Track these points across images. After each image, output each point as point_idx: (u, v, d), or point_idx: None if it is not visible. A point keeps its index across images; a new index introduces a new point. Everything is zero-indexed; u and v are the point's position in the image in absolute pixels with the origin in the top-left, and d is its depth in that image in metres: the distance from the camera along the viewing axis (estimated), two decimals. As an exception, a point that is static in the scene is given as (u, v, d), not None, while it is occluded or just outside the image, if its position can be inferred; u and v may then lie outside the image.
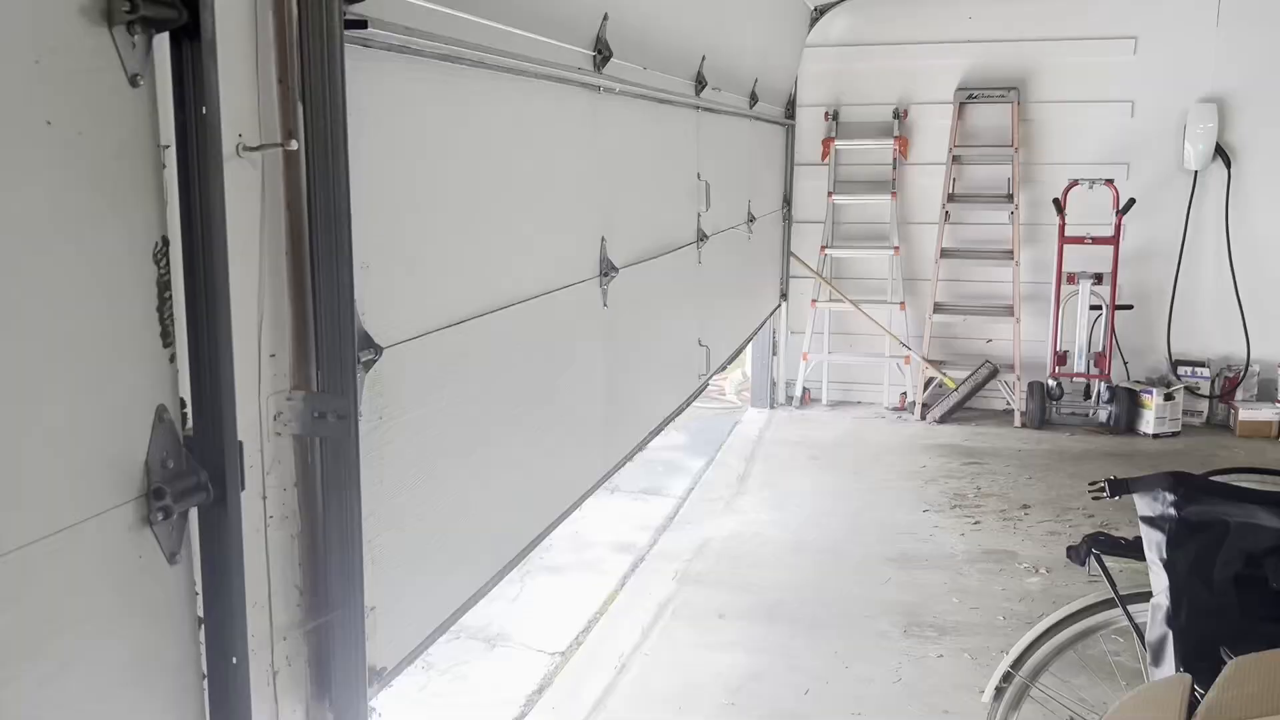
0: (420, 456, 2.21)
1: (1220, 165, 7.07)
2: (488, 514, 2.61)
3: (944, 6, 7.30)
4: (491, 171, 2.59)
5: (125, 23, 1.27)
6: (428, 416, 2.24)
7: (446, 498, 2.35)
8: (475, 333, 2.49)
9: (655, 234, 4.11)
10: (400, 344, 2.10)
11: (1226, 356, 7.28)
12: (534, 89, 2.82)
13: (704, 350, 4.89)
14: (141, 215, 1.34)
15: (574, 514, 5.78)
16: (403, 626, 2.14)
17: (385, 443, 2.05)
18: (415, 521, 2.19)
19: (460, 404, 2.41)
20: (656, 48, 3.95)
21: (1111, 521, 5.31)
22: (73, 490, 1.25)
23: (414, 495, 2.19)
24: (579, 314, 3.25)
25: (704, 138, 4.85)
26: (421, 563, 2.23)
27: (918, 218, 7.65)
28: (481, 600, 2.54)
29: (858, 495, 5.89)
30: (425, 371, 2.24)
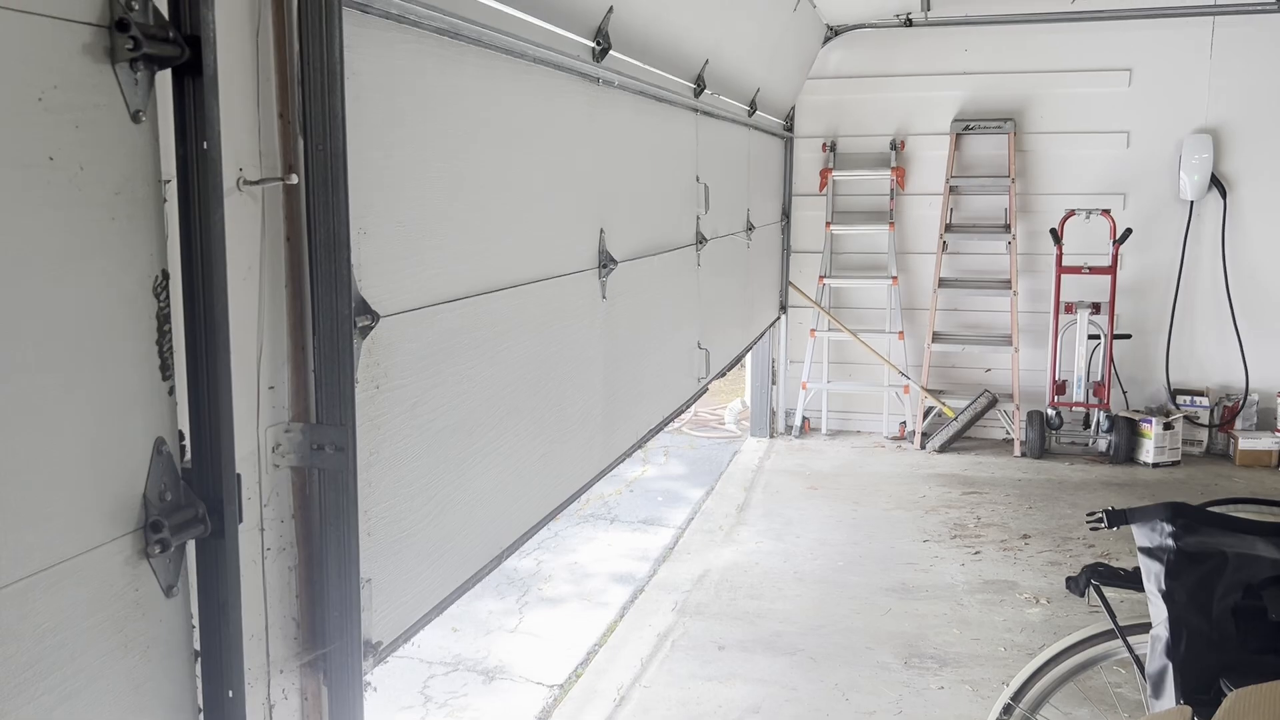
0: (416, 431, 2.19)
1: (1216, 195, 7.11)
2: (485, 497, 2.60)
3: (940, 39, 7.37)
4: (490, 151, 2.59)
5: (128, 60, 1.29)
6: (425, 393, 2.23)
7: (444, 475, 2.34)
8: (473, 312, 2.49)
9: (654, 231, 4.13)
10: (397, 315, 2.09)
11: (1225, 385, 7.29)
12: (534, 74, 2.84)
13: (703, 353, 4.90)
14: (142, 249, 1.35)
15: (574, 544, 5.78)
16: (398, 601, 2.12)
17: (380, 413, 2.03)
18: (411, 497, 2.17)
19: (458, 383, 2.40)
20: (658, 47, 3.98)
21: (1112, 552, 5.30)
22: (71, 523, 1.25)
23: (411, 469, 2.17)
24: (577, 304, 3.26)
25: (703, 141, 4.88)
26: (417, 537, 2.21)
27: (916, 248, 7.68)
28: (479, 584, 2.51)
29: (858, 525, 5.87)
30: (423, 347, 2.22)
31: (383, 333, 2.01)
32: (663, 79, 4.15)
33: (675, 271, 4.47)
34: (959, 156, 7.50)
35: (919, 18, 7.12)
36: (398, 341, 2.09)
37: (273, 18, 1.68)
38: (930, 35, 7.38)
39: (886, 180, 7.59)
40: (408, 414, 2.15)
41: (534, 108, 2.86)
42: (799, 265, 7.87)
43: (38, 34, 1.17)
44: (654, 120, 4.12)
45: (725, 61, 5.02)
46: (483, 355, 2.54)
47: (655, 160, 4.21)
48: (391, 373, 2.07)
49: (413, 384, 2.17)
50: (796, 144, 7.72)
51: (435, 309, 2.29)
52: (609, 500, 6.69)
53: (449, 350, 2.36)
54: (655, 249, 4.14)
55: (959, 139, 7.45)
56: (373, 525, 2.00)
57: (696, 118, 4.76)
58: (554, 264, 3.04)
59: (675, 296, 4.51)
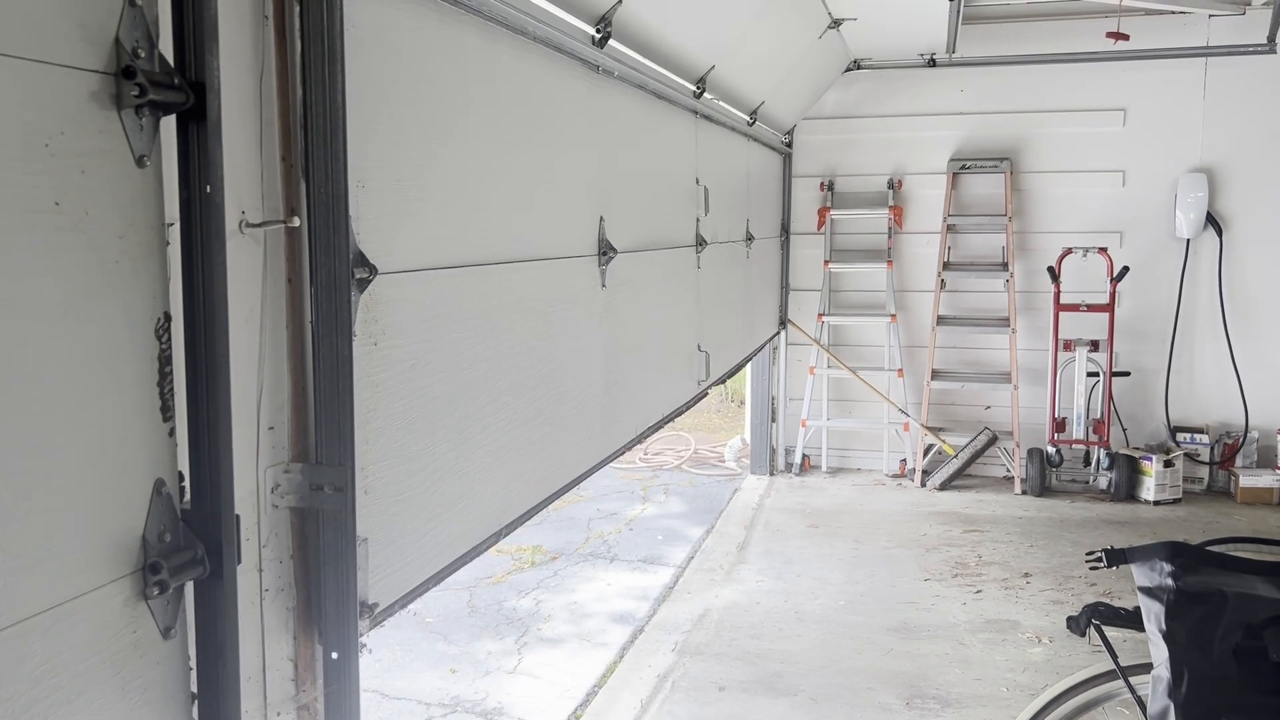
0: (415, 394, 2.19)
1: (1212, 234, 7.16)
2: (484, 471, 2.59)
3: (936, 80, 7.45)
4: (488, 125, 2.59)
5: (134, 106, 1.31)
6: (422, 356, 2.23)
7: (442, 443, 2.34)
8: (471, 283, 2.50)
9: (654, 227, 4.15)
10: (395, 274, 2.09)
11: (1225, 423, 7.29)
12: (534, 53, 2.86)
13: (703, 356, 4.91)
14: (145, 292, 1.37)
15: (573, 583, 5.75)
16: (395, 564, 2.10)
17: (378, 369, 2.03)
18: (408, 460, 2.17)
19: (455, 352, 2.40)
20: (661, 45, 4.01)
21: (1114, 591, 5.27)
22: (70, 566, 1.25)
23: (409, 432, 2.16)
24: (577, 290, 3.27)
25: (702, 144, 4.92)
26: (415, 501, 2.20)
27: (914, 286, 7.71)
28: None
29: (858, 564, 5.84)
30: (421, 310, 2.23)
31: (380, 289, 2.01)
32: (663, 76, 4.15)
33: (675, 270, 4.50)
34: (956, 195, 7.55)
35: (943, 58, 7.18)
36: (395, 300, 2.09)
37: (276, 64, 1.70)
38: (926, 76, 7.46)
39: (884, 219, 7.64)
40: (406, 375, 2.15)
41: (534, 88, 2.88)
42: (798, 303, 7.91)
43: (46, 82, 1.19)
44: (654, 117, 4.15)
45: (732, 71, 5.05)
46: (480, 327, 2.55)
47: (655, 157, 4.24)
48: (389, 331, 2.07)
49: (410, 345, 2.17)
50: (795, 182, 7.78)
51: (433, 273, 2.29)
52: (608, 539, 6.66)
53: (447, 317, 2.36)
54: (655, 245, 4.16)
55: (956, 178, 7.51)
56: (369, 483, 1.99)
57: (696, 121, 4.79)
58: (553, 245, 3.05)
59: (674, 296, 4.53)
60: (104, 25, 1.27)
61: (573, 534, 6.78)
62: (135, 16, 1.31)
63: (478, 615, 5.40)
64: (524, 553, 6.38)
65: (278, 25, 1.70)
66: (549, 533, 6.80)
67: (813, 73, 6.83)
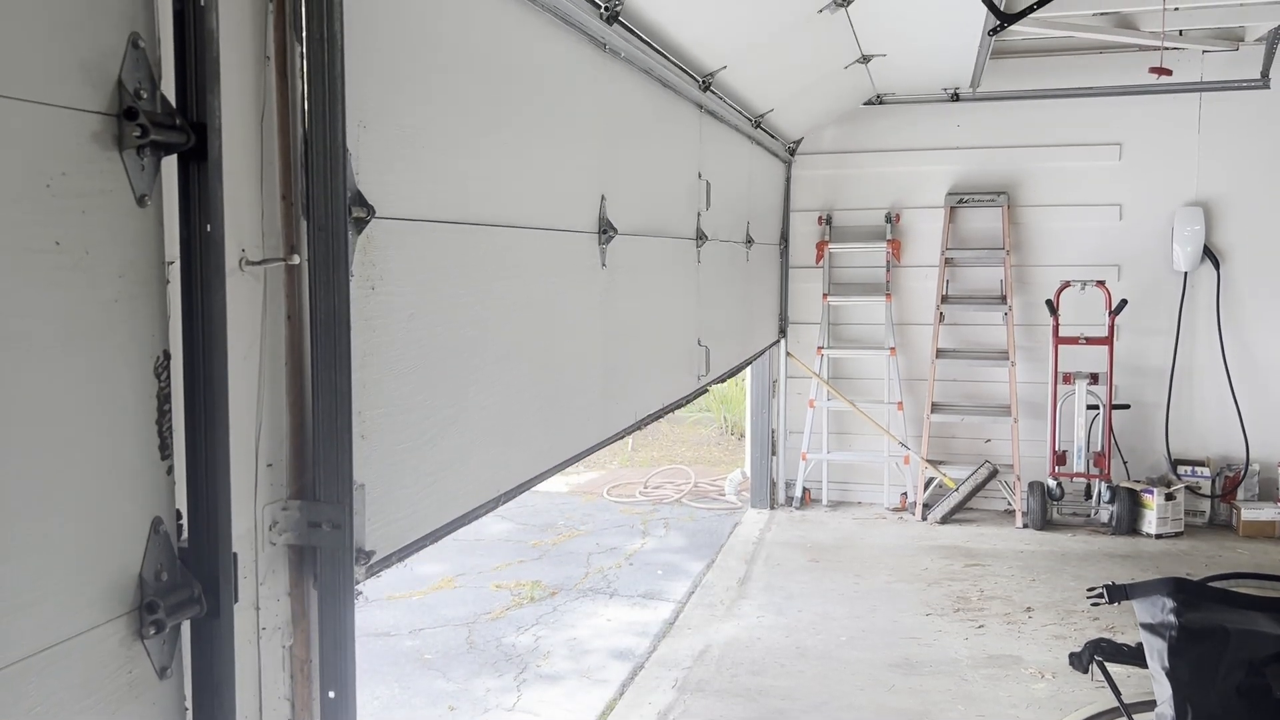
0: (413, 345, 2.18)
1: (1209, 267, 7.18)
2: (483, 435, 2.58)
3: (933, 115, 7.51)
4: (496, 85, 2.58)
5: (135, 147, 1.32)
6: (421, 308, 2.21)
7: (441, 399, 2.32)
8: (470, 241, 2.49)
9: (655, 214, 4.15)
10: (394, 220, 2.08)
11: (1226, 456, 7.28)
12: (541, 20, 2.86)
13: (703, 350, 4.90)
14: (144, 330, 1.37)
15: (572, 619, 5.71)
16: (391, 515, 2.08)
17: (375, 315, 2.01)
18: (406, 411, 2.15)
19: (454, 309, 2.39)
20: (672, 38, 4.02)
21: (1117, 625, 5.24)
22: (67, 605, 1.25)
23: (408, 383, 2.15)
24: (576, 265, 3.27)
25: (706, 139, 4.92)
26: (413, 455, 2.18)
27: (913, 319, 7.73)
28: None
29: (860, 598, 5.81)
30: (419, 260, 2.21)
31: (378, 234, 2.00)
32: (671, 65, 4.15)
33: (675, 261, 4.51)
34: (954, 229, 7.58)
35: (966, 93, 7.23)
36: (394, 247, 2.08)
37: (277, 103, 1.72)
38: (923, 111, 7.52)
39: (883, 253, 7.68)
40: (403, 325, 2.14)
41: (542, 59, 2.88)
42: (797, 336, 7.92)
43: (48, 124, 1.20)
44: (660, 105, 4.16)
45: (744, 76, 5.05)
46: (479, 290, 2.54)
47: (659, 145, 4.25)
48: (387, 277, 2.05)
49: (408, 295, 2.15)
50: (793, 216, 7.82)
51: (433, 226, 2.29)
52: (608, 573, 6.63)
53: (446, 274, 2.35)
54: (655, 231, 4.17)
55: (954, 212, 7.55)
56: (366, 429, 1.97)
57: (701, 116, 4.80)
58: (553, 216, 3.05)
59: (674, 286, 4.54)
60: (107, 67, 1.29)
61: (572, 569, 6.74)
62: (138, 58, 1.33)
63: (476, 651, 5.36)
64: (523, 588, 6.34)
65: (279, 65, 1.72)
66: (548, 568, 6.77)
67: (829, 97, 6.83)
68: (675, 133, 4.48)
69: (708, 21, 4.23)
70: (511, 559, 7.01)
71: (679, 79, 4.28)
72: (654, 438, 11.78)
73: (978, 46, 5.67)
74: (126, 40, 1.32)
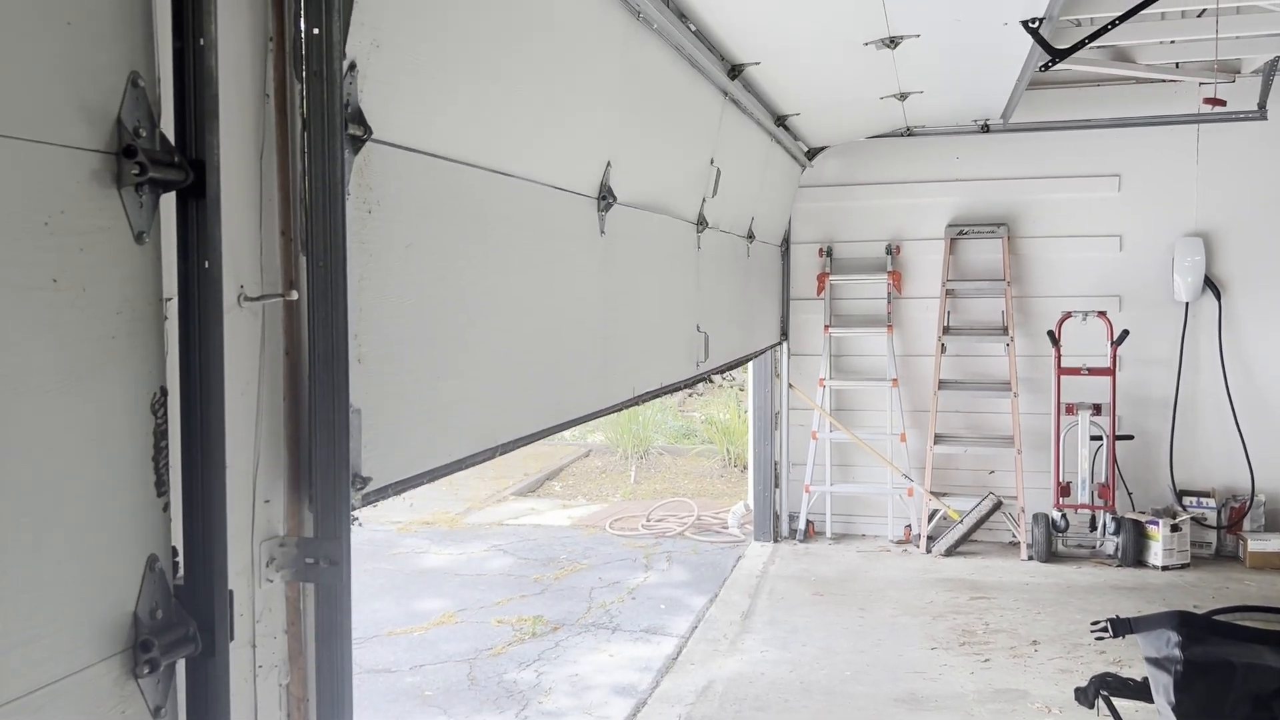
0: (409, 279, 2.16)
1: (1210, 297, 7.18)
2: (482, 383, 2.58)
3: (932, 147, 7.55)
4: (514, 25, 2.56)
5: (134, 184, 1.32)
6: (418, 240, 2.20)
7: (440, 338, 2.32)
8: (473, 184, 2.47)
9: (659, 190, 4.14)
10: (395, 147, 2.06)
11: (1231, 487, 7.24)
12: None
13: (702, 336, 4.89)
14: (141, 367, 1.37)
15: (574, 654, 5.67)
16: (388, 447, 2.05)
17: (372, 239, 2.00)
18: (405, 342, 2.15)
19: (454, 250, 2.39)
20: (709, 23, 3.99)
21: (1124, 659, 5.19)
22: (60, 645, 1.24)
23: (402, 315, 2.14)
24: (576, 230, 3.26)
25: (726, 128, 4.90)
26: (411, 391, 2.17)
27: (915, 350, 7.73)
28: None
29: (864, 632, 5.76)
30: (418, 192, 2.20)
31: (376, 159, 1.99)
32: (701, 48, 4.10)
33: (674, 242, 4.50)
34: (954, 261, 7.60)
35: (997, 124, 7.25)
36: (392, 174, 2.07)
37: (277, 140, 1.73)
38: (922, 144, 7.55)
39: (883, 284, 7.69)
40: (400, 255, 2.13)
41: (563, 12, 2.85)
42: (799, 368, 7.92)
43: (47, 162, 1.21)
44: (683, 84, 4.13)
45: (776, 76, 5.03)
46: (478, 233, 2.54)
47: (675, 123, 4.23)
48: (384, 203, 2.04)
49: (406, 225, 2.15)
50: (794, 249, 7.84)
51: (433, 160, 2.28)
52: (610, 608, 6.59)
53: (445, 210, 2.35)
54: (658, 208, 4.16)
55: (954, 244, 7.57)
56: (363, 352, 1.95)
57: (724, 103, 4.77)
58: (557, 173, 3.04)
59: (673, 267, 4.53)
60: (106, 105, 1.30)
61: (574, 603, 6.70)
62: (138, 97, 1.34)
63: (478, 688, 5.32)
64: (525, 623, 6.30)
65: (279, 103, 1.73)
66: (550, 602, 6.73)
67: (859, 119, 6.79)
68: (694, 114, 4.45)
69: (750, 16, 4.13)
70: (513, 594, 6.96)
71: (708, 62, 4.23)
72: (656, 470, 11.75)
73: (1015, 81, 5.67)
74: (126, 79, 1.33)
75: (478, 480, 11.25)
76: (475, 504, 10.03)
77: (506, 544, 8.39)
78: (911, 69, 5.26)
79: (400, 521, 9.22)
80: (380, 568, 7.67)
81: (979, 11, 4.32)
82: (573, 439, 14.16)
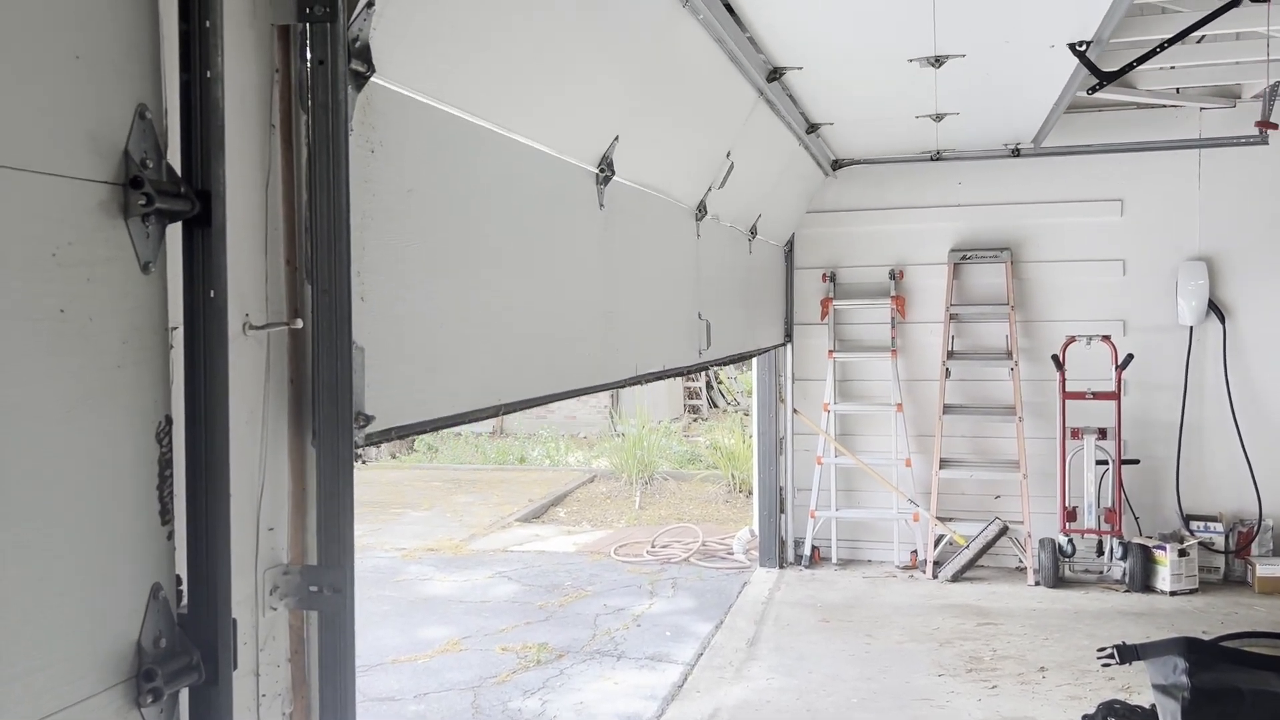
0: (410, 222, 2.16)
1: (1215, 321, 7.18)
2: (485, 340, 2.58)
3: (935, 173, 7.57)
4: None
5: (141, 215, 1.34)
6: (419, 185, 2.20)
7: (441, 287, 2.32)
8: (475, 138, 2.46)
9: (661, 171, 4.14)
10: (394, 87, 2.06)
11: (1238, 511, 7.20)
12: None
13: (704, 324, 4.88)
14: (146, 396, 1.38)
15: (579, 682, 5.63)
16: (389, 389, 2.04)
17: (373, 179, 2.00)
18: (406, 287, 2.15)
19: (456, 202, 2.39)
20: (754, 22, 3.95)
21: (1134, 685, 5.15)
22: (63, 674, 1.24)
23: (405, 259, 2.15)
24: (575, 200, 3.26)
25: (754, 124, 4.88)
26: (411, 337, 2.18)
27: (920, 375, 7.72)
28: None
29: (871, 659, 5.73)
30: (419, 138, 2.21)
31: (379, 100, 1.99)
32: (744, 45, 4.05)
33: (675, 226, 4.50)
34: (958, 285, 7.61)
35: (1027, 148, 7.24)
36: (395, 117, 2.07)
37: (282, 170, 1.75)
38: (925, 169, 7.58)
39: (887, 309, 7.69)
40: (402, 199, 2.13)
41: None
42: (804, 392, 7.91)
43: (55, 194, 1.22)
44: (718, 76, 4.10)
45: (813, 85, 5.00)
46: (478, 190, 2.55)
47: (698, 110, 4.20)
48: (386, 144, 2.05)
49: (408, 169, 2.15)
50: (797, 274, 7.86)
51: (435, 108, 2.28)
52: (615, 635, 6.55)
53: (444, 161, 2.35)
54: (658, 188, 4.16)
55: (957, 268, 7.58)
56: (365, 290, 1.96)
57: (757, 101, 4.73)
58: (558, 138, 3.03)
59: (674, 253, 4.53)
60: (114, 138, 1.31)
61: (579, 631, 6.67)
62: (145, 129, 1.35)
63: (482, 717, 5.29)
64: (529, 650, 6.27)
65: (284, 133, 1.75)
66: (555, 630, 6.70)
67: (892, 137, 6.77)
68: (721, 107, 4.43)
69: (799, 21, 4.09)
70: (518, 621, 6.93)
71: (748, 60, 4.18)
72: (661, 495, 11.72)
73: (1053, 104, 5.66)
74: (134, 111, 1.34)
75: (482, 506, 11.23)
76: (479, 530, 10.01)
77: (511, 570, 8.37)
78: (951, 90, 5.26)
79: (404, 548, 9.20)
80: (384, 595, 7.65)
81: (1028, 33, 4.31)
82: (577, 464, 14.15)
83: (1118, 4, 3.82)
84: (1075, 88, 5.14)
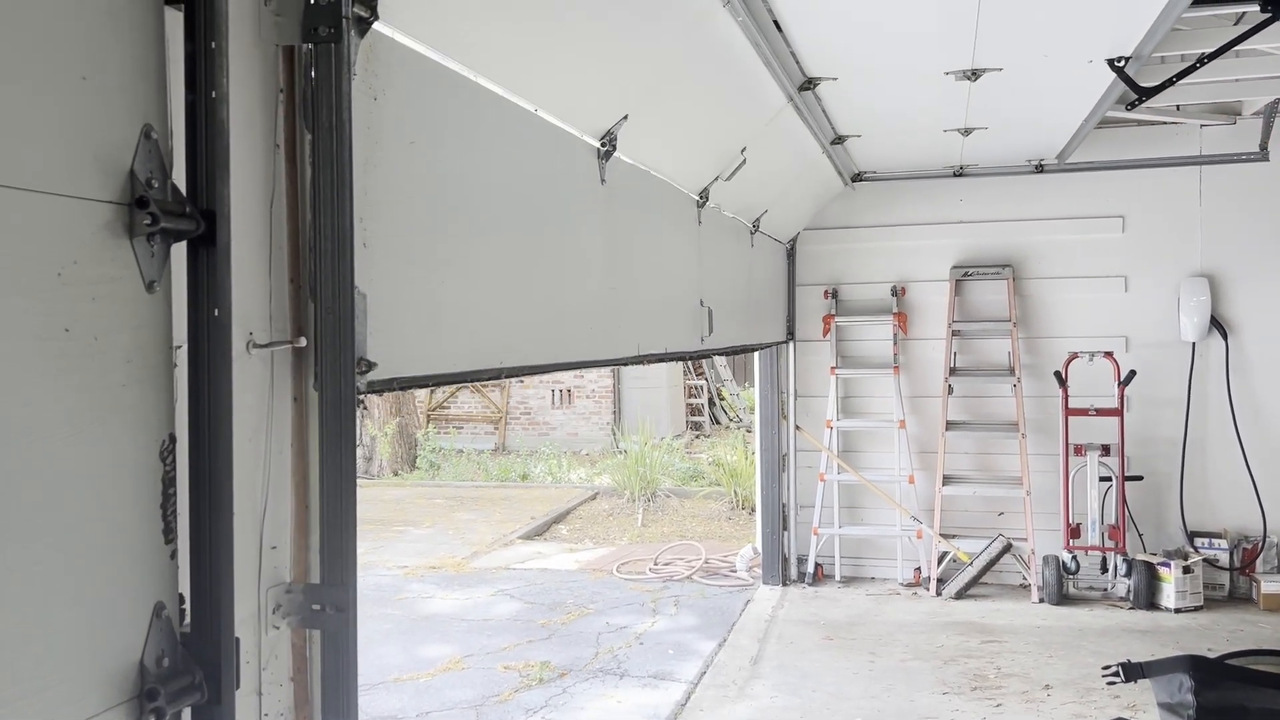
0: (413, 174, 2.15)
1: (1217, 337, 7.17)
2: (486, 301, 2.59)
3: (936, 190, 7.59)
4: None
5: (146, 235, 1.34)
6: (420, 136, 2.19)
7: (444, 241, 2.32)
8: (477, 100, 2.46)
9: (666, 155, 4.14)
10: (395, 38, 2.05)
11: (1242, 527, 7.18)
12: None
13: (705, 311, 4.87)
14: (150, 414, 1.38)
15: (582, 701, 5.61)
16: (388, 338, 2.04)
17: (376, 125, 1.99)
18: (408, 237, 2.15)
19: (459, 158, 2.38)
20: (794, 32, 3.94)
21: (1139, 703, 5.12)
22: (66, 695, 1.23)
23: (409, 211, 2.14)
24: (576, 172, 3.26)
25: (778, 128, 4.86)
26: (410, 290, 2.17)
27: (922, 391, 7.72)
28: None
29: (875, 677, 5.70)
30: (423, 92, 2.20)
31: (381, 48, 1.99)
32: (780, 53, 4.02)
33: (677, 211, 4.49)
34: (960, 302, 7.61)
35: (1052, 164, 7.25)
36: (398, 68, 2.07)
37: (286, 189, 1.75)
38: (926, 186, 7.60)
39: (889, 326, 7.70)
40: (405, 149, 2.13)
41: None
42: (806, 409, 7.91)
43: (61, 214, 1.23)
44: (747, 75, 4.06)
45: (841, 94, 4.96)
46: (480, 149, 2.54)
47: (716, 106, 4.19)
48: (389, 93, 2.04)
49: (410, 121, 2.14)
50: (799, 290, 7.87)
51: (438, 65, 2.28)
52: (618, 654, 6.53)
53: (446, 116, 2.35)
54: (661, 170, 4.16)
55: (959, 285, 7.59)
56: (368, 237, 1.95)
57: (785, 106, 4.71)
58: (563, 108, 3.02)
59: (675, 237, 4.52)
60: (119, 158, 1.32)
61: (581, 649, 6.64)
62: (150, 149, 1.36)
63: (484, 735, 5.26)
64: (532, 669, 6.24)
65: (288, 153, 1.76)
66: (557, 648, 6.67)
67: (915, 151, 6.75)
68: (745, 105, 4.41)
69: (838, 31, 4.06)
70: (520, 639, 6.91)
71: (780, 67, 4.15)
72: (664, 512, 11.70)
73: (1083, 119, 5.64)
74: (139, 132, 1.35)
75: (484, 523, 11.21)
76: (481, 548, 9.99)
77: (513, 588, 8.34)
78: (982, 105, 5.24)
79: (406, 566, 9.18)
80: (386, 613, 7.63)
81: (1067, 48, 4.29)
82: (580, 481, 14.13)
83: (1161, 21, 3.79)
84: (1109, 104, 5.13)
